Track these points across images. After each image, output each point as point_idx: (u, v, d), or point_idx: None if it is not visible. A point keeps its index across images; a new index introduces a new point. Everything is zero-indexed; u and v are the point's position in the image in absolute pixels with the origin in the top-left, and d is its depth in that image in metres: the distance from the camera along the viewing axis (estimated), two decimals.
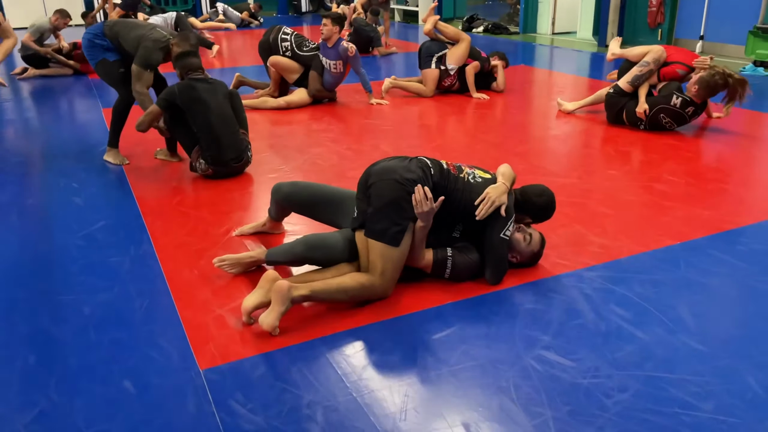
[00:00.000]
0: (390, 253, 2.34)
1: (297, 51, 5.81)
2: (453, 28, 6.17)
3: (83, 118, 5.73)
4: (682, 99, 4.56)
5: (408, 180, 2.36)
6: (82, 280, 2.66)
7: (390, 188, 2.36)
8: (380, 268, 2.35)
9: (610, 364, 2.03)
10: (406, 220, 2.36)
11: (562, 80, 7.20)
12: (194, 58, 3.87)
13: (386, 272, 2.36)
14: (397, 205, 2.34)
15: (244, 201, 3.57)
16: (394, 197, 2.35)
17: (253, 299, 2.29)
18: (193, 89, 3.73)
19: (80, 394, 1.94)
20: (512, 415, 1.82)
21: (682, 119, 4.64)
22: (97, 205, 3.53)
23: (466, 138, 4.75)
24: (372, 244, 2.36)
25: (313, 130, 5.04)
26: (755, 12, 7.68)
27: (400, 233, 2.34)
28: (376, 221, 2.36)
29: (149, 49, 3.96)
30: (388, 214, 2.34)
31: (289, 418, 1.81)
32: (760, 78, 6.85)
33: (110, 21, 4.20)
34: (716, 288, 2.52)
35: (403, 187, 2.35)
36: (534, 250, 2.62)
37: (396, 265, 2.38)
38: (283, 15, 15.17)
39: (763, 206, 3.35)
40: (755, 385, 1.92)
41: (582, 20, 10.33)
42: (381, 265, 2.34)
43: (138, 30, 4.04)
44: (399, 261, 2.38)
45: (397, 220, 2.34)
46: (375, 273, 2.35)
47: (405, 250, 2.38)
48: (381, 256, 2.34)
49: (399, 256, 2.37)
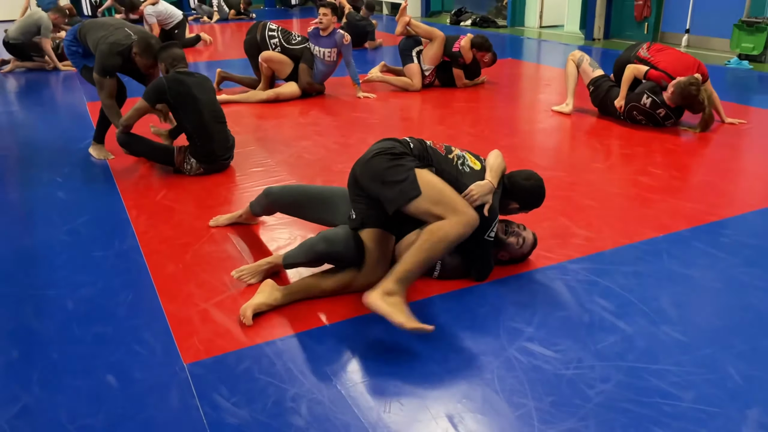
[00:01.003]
0: (425, 201, 2.16)
1: (286, 45, 5.78)
2: (424, 27, 6.09)
3: (67, 112, 5.68)
4: (652, 99, 4.57)
5: (384, 148, 2.31)
6: (66, 274, 2.65)
7: (375, 163, 2.28)
8: (442, 210, 2.14)
9: (592, 355, 2.05)
10: (408, 170, 2.23)
11: (550, 74, 7.21)
12: (178, 49, 3.76)
13: (447, 206, 2.15)
14: (390, 168, 2.24)
15: (229, 195, 3.55)
16: (382, 166, 2.25)
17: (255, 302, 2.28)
18: (182, 83, 3.64)
19: (63, 389, 1.93)
20: (495, 406, 1.83)
21: (653, 119, 4.65)
22: (81, 200, 3.50)
23: (452, 131, 4.76)
24: (412, 209, 2.19)
25: (299, 123, 5.02)
26: (740, 5, 7.72)
27: (413, 182, 2.19)
28: (387, 192, 2.22)
29: (104, 54, 3.79)
30: (389, 179, 2.23)
31: (273, 412, 1.82)
32: (745, 71, 6.90)
33: (81, 24, 4.06)
34: (698, 279, 2.55)
35: (383, 154, 2.28)
36: (524, 252, 2.63)
37: (443, 200, 2.17)
38: (271, 8, 15.07)
39: (745, 198, 3.39)
40: (735, 375, 1.95)
41: (569, 14, 10.36)
42: (439, 210, 2.14)
43: (99, 32, 3.87)
44: (439, 197, 2.17)
45: (400, 176, 2.22)
46: (448, 216, 2.12)
47: (434, 188, 2.20)
48: (427, 209, 2.16)
49: (434, 195, 2.17)
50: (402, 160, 2.27)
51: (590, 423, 1.75)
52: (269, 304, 2.29)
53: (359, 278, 2.37)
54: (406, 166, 2.24)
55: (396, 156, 2.28)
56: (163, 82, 3.64)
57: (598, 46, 8.94)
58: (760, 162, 4.08)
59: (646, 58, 4.73)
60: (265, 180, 3.72)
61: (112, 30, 3.89)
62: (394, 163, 2.25)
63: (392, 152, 2.29)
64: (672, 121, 4.62)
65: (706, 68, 4.73)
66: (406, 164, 2.25)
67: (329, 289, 2.38)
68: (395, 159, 2.27)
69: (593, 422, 1.76)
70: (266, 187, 2.84)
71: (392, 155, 2.28)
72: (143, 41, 3.82)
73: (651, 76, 4.63)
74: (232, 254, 2.79)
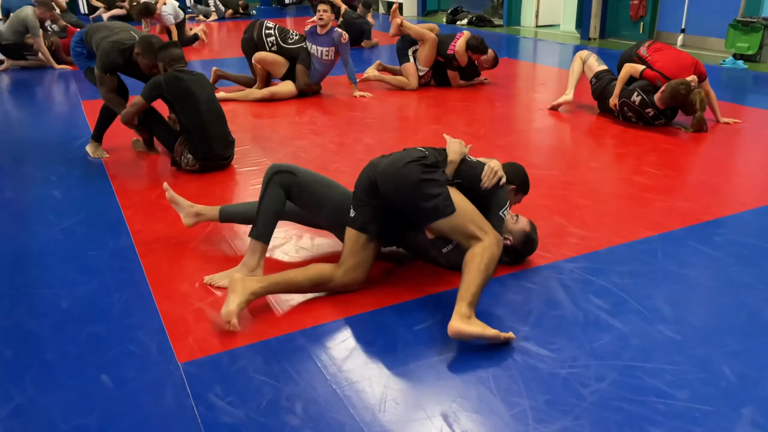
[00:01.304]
0: (460, 219, 2.22)
1: (282, 44, 5.76)
2: (416, 28, 6.05)
3: (62, 110, 5.66)
4: (641, 98, 4.59)
5: (418, 158, 2.33)
6: (60, 273, 2.64)
7: (407, 173, 2.28)
8: (475, 229, 2.19)
9: (587, 354, 2.05)
10: (442, 185, 2.27)
11: (546, 73, 7.22)
12: (177, 49, 3.79)
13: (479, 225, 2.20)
14: (425, 181, 2.26)
15: (225, 194, 3.55)
16: (417, 177, 2.26)
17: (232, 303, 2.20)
18: (181, 81, 3.67)
19: (57, 389, 1.92)
20: (491, 404, 1.83)
21: (643, 118, 4.66)
22: (75, 199, 3.49)
23: (449, 130, 4.75)
24: (446, 224, 2.24)
25: (295, 122, 5.02)
26: (735, 5, 7.74)
27: (447, 199, 2.24)
28: (422, 205, 2.25)
29: (106, 51, 3.84)
30: (424, 191, 2.25)
31: (268, 411, 1.81)
32: (740, 71, 6.92)
33: (88, 27, 4.12)
34: (693, 278, 2.55)
35: (416, 163, 2.30)
36: (525, 230, 2.59)
37: (475, 219, 2.23)
38: (267, 6, 15.06)
39: (740, 198, 3.40)
40: (729, 374, 1.95)
41: (565, 13, 10.37)
42: (472, 228, 2.20)
43: (102, 32, 3.94)
44: (471, 217, 2.24)
45: (436, 190, 2.25)
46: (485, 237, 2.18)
47: (466, 207, 2.26)
48: (462, 227, 2.21)
49: (467, 214, 2.24)
50: (435, 173, 2.31)
51: (585, 422, 1.75)
52: (248, 299, 2.22)
53: (336, 278, 2.38)
54: (440, 181, 2.29)
55: (429, 167, 2.31)
56: (160, 79, 3.66)
57: (594, 45, 8.95)
58: (754, 161, 4.09)
59: (645, 57, 4.74)
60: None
61: (117, 31, 3.96)
62: (428, 176, 2.28)
63: (424, 162, 2.32)
64: (662, 121, 4.63)
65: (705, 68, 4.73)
66: (440, 179, 2.30)
67: (305, 286, 2.37)
68: (429, 171, 2.30)
69: (588, 421, 1.76)
70: None
71: (425, 165, 2.30)
72: (145, 41, 3.85)
73: (646, 75, 4.63)
74: (228, 254, 2.79)
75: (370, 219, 2.39)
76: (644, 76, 4.65)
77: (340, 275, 2.38)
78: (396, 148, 2.55)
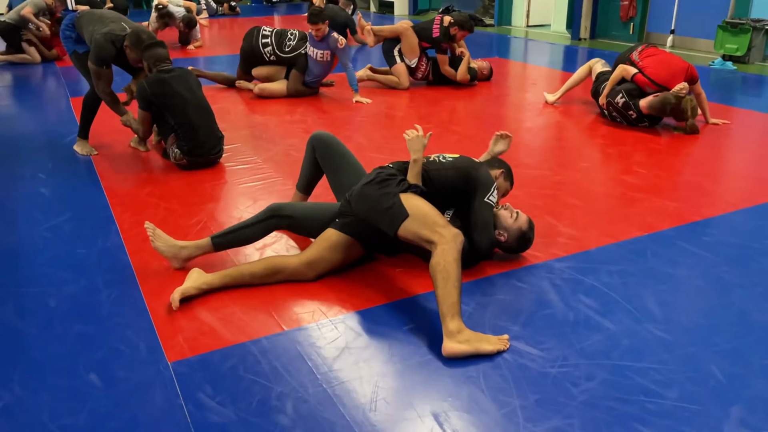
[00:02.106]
0: (413, 224, 2.25)
1: (279, 53, 5.72)
2: (388, 27, 6.11)
3: (51, 107, 5.61)
4: (624, 100, 4.64)
5: (374, 177, 2.44)
6: (48, 272, 2.62)
7: (365, 194, 2.41)
8: (429, 233, 2.20)
9: (577, 354, 2.06)
10: (393, 196, 2.33)
11: (536, 73, 7.25)
12: (161, 48, 3.78)
13: (432, 227, 2.21)
14: (379, 198, 2.35)
15: (215, 192, 3.53)
16: (372, 196, 2.38)
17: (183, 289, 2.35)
18: (164, 82, 3.67)
19: (45, 388, 1.91)
20: (481, 404, 1.83)
21: (626, 119, 4.71)
22: (64, 196, 3.46)
23: (440, 129, 4.76)
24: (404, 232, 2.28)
25: (287, 120, 5.00)
26: (725, 7, 7.80)
27: (401, 207, 2.28)
28: (382, 221, 2.34)
29: (99, 44, 3.80)
30: (380, 206, 2.33)
31: (258, 410, 1.81)
32: (729, 72, 6.97)
33: (81, 11, 4.08)
34: (682, 278, 2.57)
35: (371, 183, 2.42)
36: (522, 228, 2.60)
37: (428, 221, 2.24)
38: (257, 4, 14.99)
39: (728, 198, 3.42)
40: (718, 373, 1.97)
41: (556, 13, 10.41)
42: (427, 232, 2.21)
43: (95, 25, 3.89)
44: (423, 220, 2.24)
45: (389, 202, 2.31)
46: (438, 240, 2.17)
47: (419, 210, 2.28)
48: (416, 231, 2.24)
49: (419, 218, 2.25)
50: (388, 186, 2.37)
51: (575, 421, 1.76)
52: (198, 287, 2.36)
53: (290, 265, 2.46)
54: (391, 192, 2.35)
55: (382, 181, 2.39)
56: (144, 86, 3.69)
57: (585, 45, 8.99)
58: (742, 162, 4.12)
59: (637, 63, 4.75)
60: (250, 177, 3.70)
61: (108, 22, 3.91)
62: (382, 191, 2.37)
63: (378, 179, 2.41)
64: (645, 124, 4.66)
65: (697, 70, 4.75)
66: (391, 190, 2.36)
67: (259, 275, 2.45)
68: (382, 186, 2.38)
69: (578, 420, 1.76)
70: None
71: (379, 182, 2.40)
72: (134, 35, 3.82)
73: (637, 80, 4.67)
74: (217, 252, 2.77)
75: (352, 223, 2.50)
76: (634, 80, 4.67)
77: (295, 265, 2.47)
78: (386, 147, 2.57)
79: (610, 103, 4.76)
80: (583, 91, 5.59)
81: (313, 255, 2.49)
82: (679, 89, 4.47)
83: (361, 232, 2.51)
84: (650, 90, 4.62)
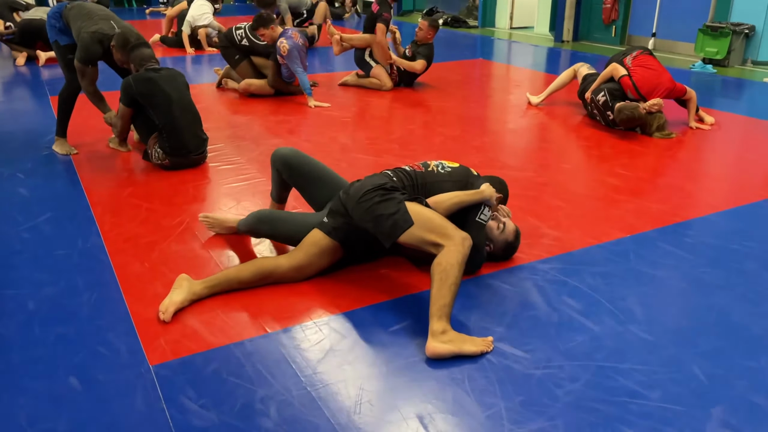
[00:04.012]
0: (419, 230, 2.22)
1: (253, 39, 5.70)
2: (357, 36, 6.10)
3: (29, 106, 5.53)
4: (605, 99, 4.69)
5: (376, 184, 2.38)
6: (27, 273, 2.57)
7: (366, 200, 2.34)
8: (436, 236, 2.18)
9: (561, 355, 2.06)
10: (399, 203, 2.30)
11: (520, 74, 7.28)
12: (146, 48, 3.76)
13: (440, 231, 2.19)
14: (381, 203, 2.31)
15: (197, 192, 3.50)
16: (374, 201, 2.32)
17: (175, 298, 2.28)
18: (150, 81, 3.63)
19: (24, 392, 1.87)
20: (465, 405, 1.83)
21: (604, 119, 4.75)
22: (43, 197, 3.40)
23: (424, 131, 4.76)
24: (408, 239, 2.25)
25: (271, 121, 4.97)
26: (705, 10, 7.90)
27: (405, 213, 2.26)
28: (382, 226, 2.29)
29: (85, 42, 3.76)
30: (382, 212, 2.29)
31: (241, 414, 1.79)
32: (709, 75, 7.05)
33: (71, 3, 3.99)
34: (664, 279, 2.59)
35: (374, 191, 2.35)
36: (508, 239, 2.62)
37: (435, 227, 2.22)
38: (241, 3, 14.92)
39: (709, 200, 3.46)
40: (700, 374, 1.98)
41: (539, 15, 10.48)
42: (433, 236, 2.19)
43: (82, 21, 3.83)
44: (430, 225, 2.22)
45: (392, 209, 2.28)
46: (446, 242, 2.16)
47: (424, 217, 2.26)
48: (421, 237, 2.22)
49: (426, 223, 2.24)
50: (392, 194, 2.35)
51: (559, 422, 1.77)
52: (189, 299, 2.31)
53: (279, 269, 2.44)
54: (396, 199, 2.32)
55: (387, 191, 2.36)
56: (129, 80, 3.66)
57: (567, 48, 9.05)
58: (722, 165, 4.17)
59: (628, 67, 4.75)
60: (234, 178, 3.67)
61: (97, 20, 3.86)
62: (385, 197, 2.33)
63: (383, 188, 2.37)
64: (621, 128, 4.68)
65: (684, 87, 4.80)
66: (396, 197, 2.34)
67: (247, 281, 2.42)
68: (386, 194, 2.35)
69: (562, 422, 1.77)
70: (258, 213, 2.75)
71: (383, 191, 2.36)
72: (121, 37, 3.78)
73: (623, 82, 4.69)
74: (199, 253, 2.75)
75: (342, 227, 2.46)
76: (621, 82, 4.71)
77: (284, 270, 2.45)
78: (371, 148, 2.55)
79: (593, 99, 4.81)
80: (567, 93, 5.63)
81: (303, 260, 2.46)
82: (651, 104, 4.51)
83: (347, 239, 2.48)
84: (631, 96, 4.66)
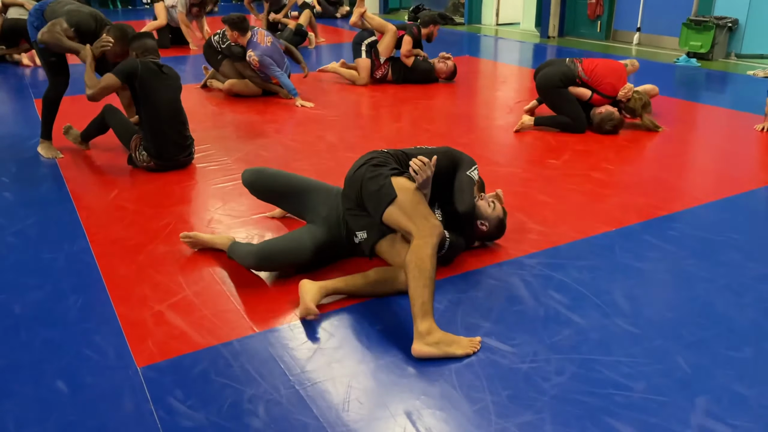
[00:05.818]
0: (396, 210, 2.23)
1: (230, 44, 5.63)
2: (378, 19, 6.13)
3: (14, 108, 5.49)
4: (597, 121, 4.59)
5: (368, 159, 2.43)
6: (12, 277, 2.56)
7: (358, 176, 2.38)
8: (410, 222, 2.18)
9: (548, 349, 2.08)
10: (385, 177, 2.31)
11: (506, 71, 7.30)
12: (150, 40, 3.71)
13: (416, 215, 2.19)
14: (371, 179, 2.33)
15: (184, 194, 3.49)
16: (365, 177, 2.35)
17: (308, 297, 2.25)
18: (156, 75, 3.58)
19: (11, 396, 1.87)
20: (453, 401, 1.84)
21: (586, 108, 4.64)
22: (28, 201, 3.38)
23: (411, 128, 4.77)
24: (388, 218, 2.26)
25: (257, 120, 4.96)
26: (688, 5, 7.96)
27: (389, 187, 2.27)
28: (371, 201, 2.32)
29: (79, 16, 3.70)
30: (371, 188, 2.32)
31: (230, 414, 1.79)
32: (693, 69, 7.11)
33: (51, 2, 3.90)
34: (649, 272, 2.62)
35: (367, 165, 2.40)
36: (499, 216, 2.69)
37: (408, 212, 2.21)
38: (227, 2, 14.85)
39: (693, 193, 3.49)
40: (684, 365, 2.01)
41: (525, 12, 10.51)
42: (405, 223, 2.20)
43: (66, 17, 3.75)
44: (405, 208, 2.22)
45: (379, 183, 2.30)
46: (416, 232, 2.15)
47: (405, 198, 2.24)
48: (398, 218, 2.22)
49: (404, 204, 2.23)
50: (381, 168, 2.37)
51: (546, 415, 1.78)
52: (322, 295, 2.30)
53: (400, 276, 2.38)
54: (383, 174, 2.34)
55: (376, 165, 2.39)
56: (136, 63, 3.55)
57: (553, 43, 9.09)
58: (706, 158, 4.21)
59: (586, 81, 4.53)
60: (221, 178, 3.67)
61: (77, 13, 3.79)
62: (374, 172, 2.36)
63: (373, 162, 2.41)
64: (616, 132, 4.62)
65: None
66: (383, 172, 2.35)
67: (366, 290, 2.39)
68: (375, 168, 2.38)
69: (549, 414, 1.79)
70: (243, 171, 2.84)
71: (374, 165, 2.39)
72: (119, 29, 3.74)
73: (594, 101, 4.55)
74: (186, 255, 2.74)
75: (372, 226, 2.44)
76: (592, 102, 4.56)
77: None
78: (358, 146, 2.57)
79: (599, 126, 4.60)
80: None
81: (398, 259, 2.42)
82: (623, 95, 4.50)
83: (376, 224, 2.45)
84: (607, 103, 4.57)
